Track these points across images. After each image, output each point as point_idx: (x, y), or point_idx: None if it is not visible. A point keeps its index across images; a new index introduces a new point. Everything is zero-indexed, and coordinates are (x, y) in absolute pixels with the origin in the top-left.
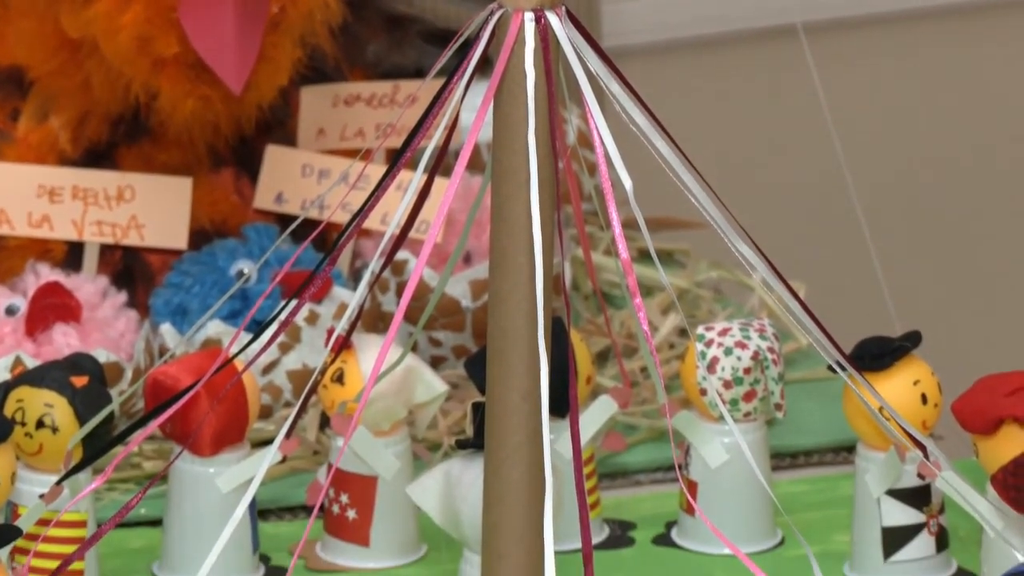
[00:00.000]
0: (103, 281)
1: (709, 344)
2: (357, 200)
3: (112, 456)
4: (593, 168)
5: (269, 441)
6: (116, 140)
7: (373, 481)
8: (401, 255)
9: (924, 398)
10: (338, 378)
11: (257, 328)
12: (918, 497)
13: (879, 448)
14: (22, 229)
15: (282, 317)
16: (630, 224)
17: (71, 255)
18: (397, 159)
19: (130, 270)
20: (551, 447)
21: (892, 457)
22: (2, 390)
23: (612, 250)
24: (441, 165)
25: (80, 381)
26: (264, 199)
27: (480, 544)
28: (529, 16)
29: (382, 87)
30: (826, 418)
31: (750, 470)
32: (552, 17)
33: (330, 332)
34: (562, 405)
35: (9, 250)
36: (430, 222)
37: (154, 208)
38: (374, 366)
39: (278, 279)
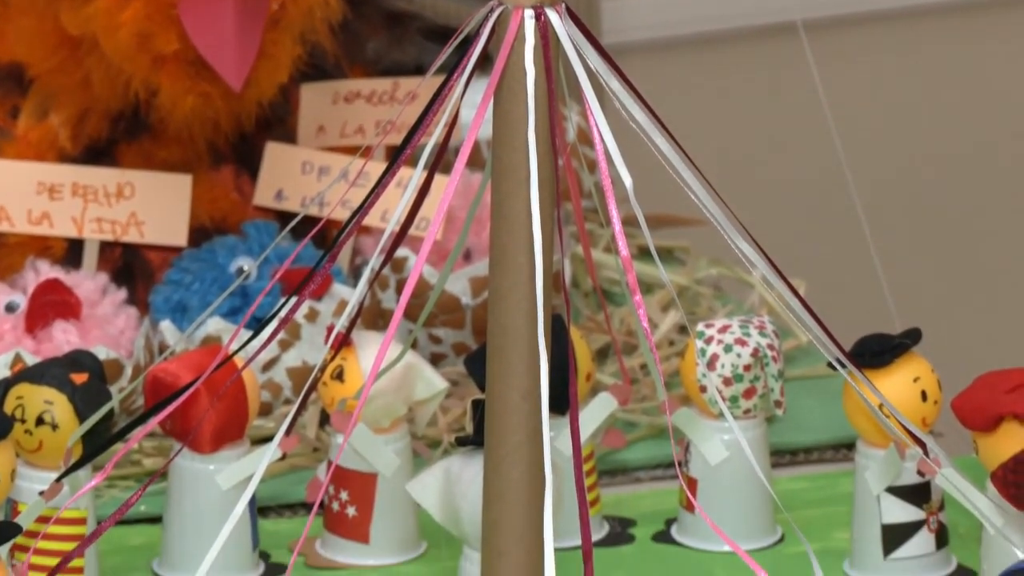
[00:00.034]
0: (103, 278)
1: (709, 341)
2: (357, 197)
3: (112, 453)
4: (593, 165)
5: (269, 438)
6: (116, 137)
7: (373, 478)
8: (401, 252)
9: (924, 395)
10: (338, 375)
11: (257, 325)
12: (918, 494)
13: (879, 445)
14: (22, 226)
15: (282, 314)
16: (630, 221)
17: (71, 252)
18: (397, 156)
19: (130, 267)
20: (551, 444)
21: (892, 454)
22: (2, 387)
23: (612, 247)
24: (441, 162)
25: (80, 378)
26: (264, 196)
27: (480, 541)
28: (529, 13)
29: (382, 84)
30: (826, 415)
31: (750, 467)
32: (552, 14)
33: (330, 329)
34: (562, 402)
35: (9, 247)
36: (430, 219)
37: (154, 205)
38: (374, 363)
39: (278, 276)
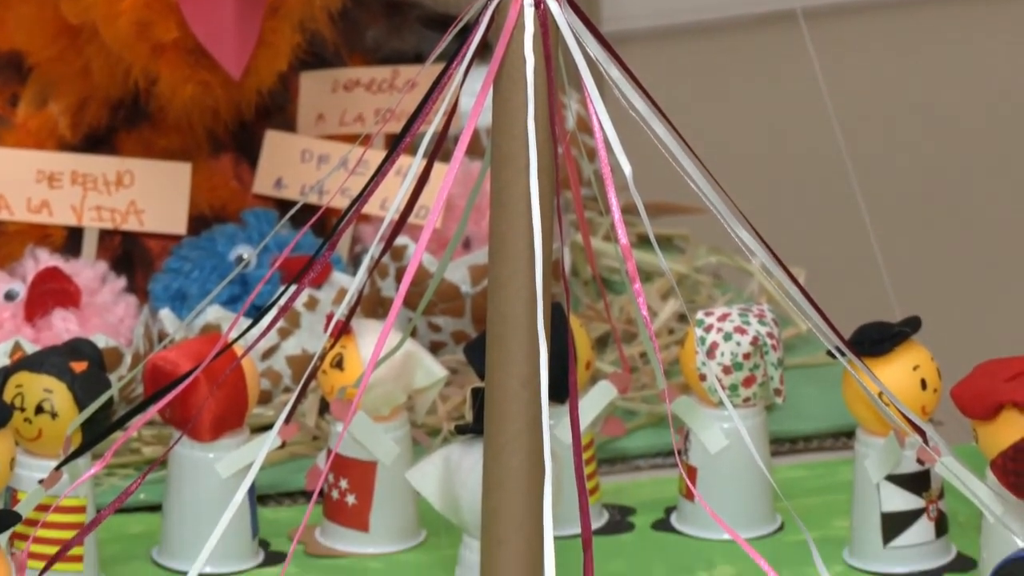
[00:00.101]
0: (102, 266)
1: (708, 329)
2: (356, 185)
3: (111, 441)
4: (592, 153)
5: (268, 426)
6: (115, 125)
7: (372, 466)
8: (400, 240)
9: (924, 383)
10: (337, 363)
11: (256, 313)
12: (917, 482)
13: (878, 433)
14: (21, 214)
15: (281, 302)
16: (629, 209)
17: (70, 240)
18: (396, 144)
19: (129, 255)
20: (551, 432)
21: (891, 442)
22: (1, 375)
23: (611, 235)
24: (440, 150)
25: (79, 366)
26: (263, 184)
27: (480, 529)
28: (528, 1)
29: (381, 72)
30: (825, 403)
31: (749, 455)
32: (551, 2)
33: (329, 317)
34: (561, 391)
35: (8, 235)
36: (429, 207)
37: (153, 193)
38: (373, 351)
39: (277, 264)
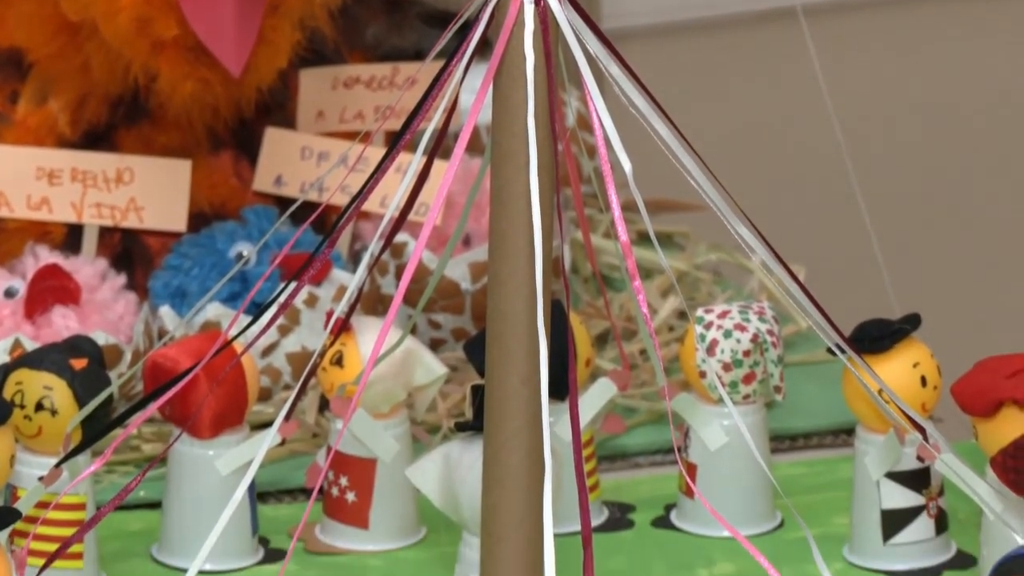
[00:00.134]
0: (102, 263)
1: (708, 327)
2: (356, 182)
3: (111, 439)
4: (592, 151)
5: (268, 424)
6: (115, 122)
7: (372, 464)
8: (400, 237)
9: (924, 380)
10: (337, 360)
11: (256, 310)
12: (917, 480)
13: (878, 431)
14: (21, 211)
15: (281, 299)
16: (629, 207)
17: (70, 237)
18: (396, 141)
19: (129, 252)
20: (550, 430)
21: (891, 440)
22: (1, 372)
23: (611, 233)
24: (440, 147)
25: (79, 363)
26: (263, 181)
27: (479, 527)
28: None
29: (381, 69)
30: (825, 401)
31: (749, 453)
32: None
33: (329, 314)
34: (561, 388)
35: (8, 232)
36: (429, 204)
37: (153, 190)
38: (373, 348)
39: (277, 261)
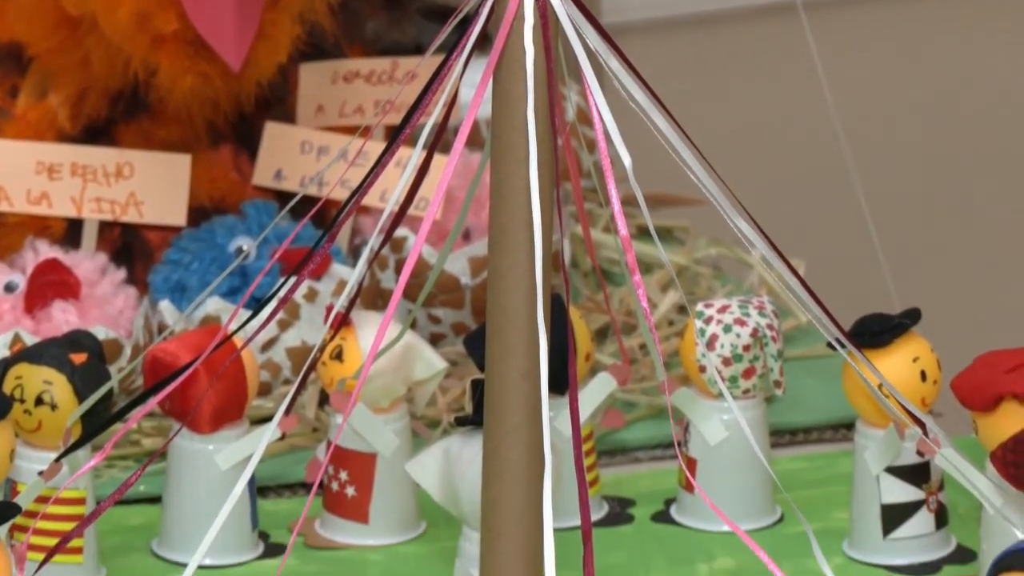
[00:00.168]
0: (102, 258)
1: (708, 321)
2: (356, 177)
3: (111, 433)
4: (592, 145)
5: (268, 418)
6: (115, 117)
7: (372, 458)
8: (400, 232)
9: (923, 375)
10: (337, 355)
11: (256, 305)
12: (917, 474)
13: (878, 425)
14: (21, 206)
15: (281, 294)
16: (629, 201)
17: (70, 232)
18: (396, 136)
19: (129, 247)
20: (550, 424)
21: (891, 434)
22: (1, 367)
23: (611, 227)
24: (440, 142)
25: (79, 358)
26: (263, 176)
27: (479, 521)
28: None
29: (381, 64)
30: (825, 395)
31: (749, 447)
32: None
33: (329, 309)
34: (561, 382)
35: (8, 227)
36: (429, 199)
37: (153, 185)
38: (373, 343)
39: (277, 256)
